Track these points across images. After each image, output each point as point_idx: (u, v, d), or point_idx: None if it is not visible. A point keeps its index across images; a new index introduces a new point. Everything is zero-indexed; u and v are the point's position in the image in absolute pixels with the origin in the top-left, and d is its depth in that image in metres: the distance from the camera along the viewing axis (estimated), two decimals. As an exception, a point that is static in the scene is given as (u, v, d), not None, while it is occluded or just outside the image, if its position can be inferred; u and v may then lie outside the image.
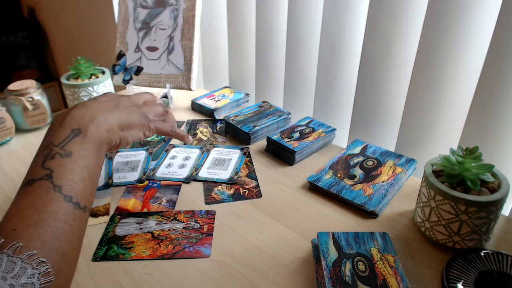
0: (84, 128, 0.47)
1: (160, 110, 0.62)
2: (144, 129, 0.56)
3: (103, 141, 0.49)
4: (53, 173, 0.42)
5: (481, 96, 0.61)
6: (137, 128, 0.55)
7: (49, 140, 0.46)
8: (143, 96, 0.62)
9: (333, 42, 0.80)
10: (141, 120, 0.56)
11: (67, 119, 0.48)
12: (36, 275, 0.35)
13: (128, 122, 0.53)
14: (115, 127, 0.51)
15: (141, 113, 0.57)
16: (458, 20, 0.60)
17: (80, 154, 0.45)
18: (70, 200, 0.41)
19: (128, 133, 0.54)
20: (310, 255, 0.53)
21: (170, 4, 0.97)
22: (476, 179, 0.51)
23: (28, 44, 2.24)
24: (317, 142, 0.77)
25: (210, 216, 0.61)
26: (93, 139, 0.47)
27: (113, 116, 0.52)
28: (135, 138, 0.55)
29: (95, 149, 0.47)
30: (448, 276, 0.47)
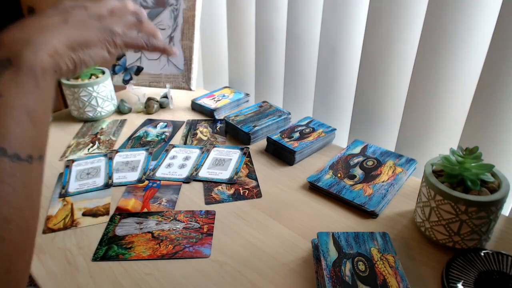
0: (15, 57, 0.37)
1: (131, 19, 0.49)
2: (108, 46, 0.45)
3: (45, 69, 0.38)
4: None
5: (481, 96, 0.61)
6: (98, 45, 0.44)
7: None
8: (107, 4, 0.48)
9: (333, 42, 0.80)
10: (101, 35, 0.44)
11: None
12: None
13: (82, 40, 0.42)
14: (62, 48, 0.40)
15: (102, 26, 0.45)
16: (458, 20, 0.60)
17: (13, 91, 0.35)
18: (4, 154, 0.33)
19: (84, 54, 0.43)
20: (310, 255, 0.53)
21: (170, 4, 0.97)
22: (476, 179, 0.51)
23: (28, 44, 2.24)
24: (317, 142, 0.77)
25: (210, 216, 0.61)
26: (29, 68, 0.37)
27: (59, 35, 0.40)
28: (96, 58, 0.44)
29: (34, 81, 0.37)
30: (448, 276, 0.47)
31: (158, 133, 0.87)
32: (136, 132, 0.88)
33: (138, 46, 0.49)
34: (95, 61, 0.44)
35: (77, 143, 0.84)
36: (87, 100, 0.89)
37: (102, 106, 0.92)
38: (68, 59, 0.41)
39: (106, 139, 0.85)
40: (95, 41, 0.44)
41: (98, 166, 0.74)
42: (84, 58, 0.43)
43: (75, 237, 0.57)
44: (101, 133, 0.87)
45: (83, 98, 0.89)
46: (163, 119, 0.93)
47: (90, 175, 0.72)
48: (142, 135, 0.86)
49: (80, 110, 0.91)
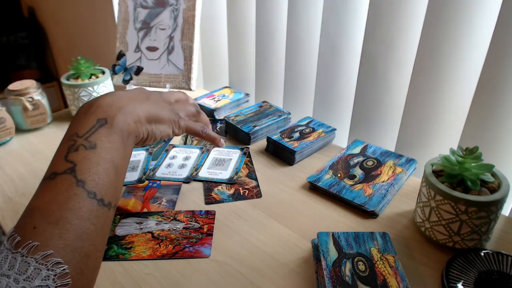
0: (110, 118, 0.44)
1: (192, 110, 0.59)
2: (174, 126, 0.53)
3: (130, 133, 0.45)
4: (76, 167, 0.39)
5: (481, 96, 0.61)
6: (166, 123, 0.52)
7: (73, 130, 0.42)
8: (175, 94, 0.58)
9: (333, 42, 0.80)
10: (171, 116, 0.52)
11: (93, 107, 0.44)
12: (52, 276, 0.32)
13: (157, 116, 0.50)
14: (143, 119, 0.48)
15: (172, 109, 0.53)
16: (458, 20, 0.60)
17: (106, 146, 0.42)
18: (94, 197, 0.38)
19: (156, 128, 0.50)
20: (310, 255, 0.53)
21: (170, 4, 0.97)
22: (476, 179, 0.51)
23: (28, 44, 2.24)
24: (317, 142, 0.77)
25: (210, 216, 0.61)
26: (120, 130, 0.44)
27: (142, 107, 0.48)
28: (163, 134, 0.52)
29: (122, 140, 0.44)
30: (448, 276, 0.47)
31: (158, 133, 0.87)
32: (136, 132, 0.87)
33: (196, 131, 0.58)
34: (161, 136, 0.52)
35: (77, 143, 0.83)
36: (87, 100, 0.89)
37: (102, 106, 0.92)
38: (145, 128, 0.49)
39: (106, 139, 0.85)
40: (166, 119, 0.52)
41: (98, 166, 0.74)
42: (155, 131, 0.50)
43: (75, 237, 0.57)
44: (101, 133, 0.87)
45: (83, 98, 0.89)
46: (163, 119, 0.93)
47: (90, 175, 0.72)
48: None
49: (80, 110, 0.91)
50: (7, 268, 0.32)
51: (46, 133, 0.89)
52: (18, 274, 0.32)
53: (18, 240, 0.34)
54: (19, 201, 0.66)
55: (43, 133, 0.89)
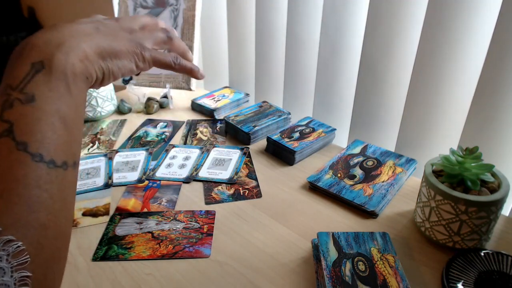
0: (48, 60, 0.35)
1: (161, 36, 0.49)
2: (136, 59, 0.44)
3: (76, 74, 0.37)
4: (13, 127, 0.32)
5: (481, 96, 0.61)
6: (126, 57, 0.43)
7: (6, 82, 0.35)
8: (140, 19, 0.48)
9: (333, 42, 0.80)
10: (131, 47, 0.43)
11: (26, 49, 0.36)
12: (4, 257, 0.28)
13: (111, 49, 0.41)
14: (93, 55, 0.39)
15: (133, 38, 0.44)
16: (458, 20, 0.60)
17: (46, 95, 0.34)
18: (41, 159, 0.33)
19: (113, 64, 0.42)
20: (310, 255, 0.53)
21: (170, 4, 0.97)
22: (476, 179, 0.51)
23: (28, 44, 2.24)
24: (317, 142, 0.77)
25: (210, 216, 0.61)
26: (62, 72, 0.36)
27: (90, 41, 0.39)
28: (124, 70, 0.43)
29: (66, 86, 0.36)
30: (448, 276, 0.47)
31: (158, 133, 0.87)
32: (136, 132, 0.88)
33: (166, 63, 0.48)
34: (122, 72, 0.44)
35: (77, 143, 0.83)
36: (87, 100, 0.89)
37: (102, 106, 0.92)
38: (98, 67, 0.40)
39: (106, 139, 0.85)
40: (124, 52, 0.43)
41: (98, 166, 0.74)
42: (113, 68, 0.42)
43: (75, 237, 0.57)
44: (101, 133, 0.87)
45: (83, 98, 0.89)
46: (163, 119, 0.93)
47: (90, 175, 0.72)
48: (142, 135, 0.86)
49: (80, 110, 0.91)
50: None
51: (46, 133, 0.89)
52: None
53: None
54: (19, 201, 0.66)
55: (43, 133, 0.88)
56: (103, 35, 0.41)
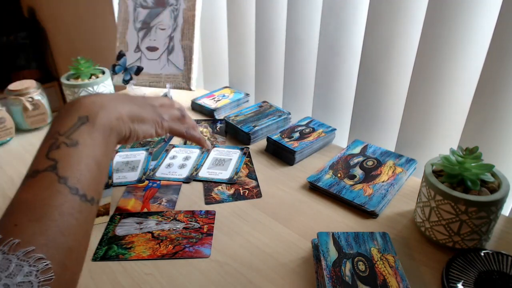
0: (92, 115, 0.44)
1: (177, 113, 0.61)
2: (157, 126, 0.55)
3: (112, 129, 0.46)
4: (58, 164, 0.39)
5: (481, 96, 0.61)
6: (149, 123, 0.53)
7: (55, 128, 0.43)
8: (160, 99, 0.60)
9: (332, 42, 0.80)
10: (154, 116, 0.54)
11: (75, 106, 0.45)
12: (34, 272, 0.33)
13: (140, 115, 0.51)
14: (126, 117, 0.49)
15: (156, 111, 0.55)
16: (458, 20, 0.60)
17: (87, 143, 0.42)
18: (76, 193, 0.39)
19: (139, 127, 0.51)
20: (310, 255, 0.53)
21: (170, 4, 0.97)
22: (476, 179, 0.51)
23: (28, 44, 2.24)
24: (317, 142, 0.77)
25: (210, 216, 0.61)
26: (102, 126, 0.45)
27: (125, 106, 0.49)
28: (146, 134, 0.53)
29: (103, 137, 0.45)
30: (448, 276, 0.47)
31: (158, 133, 0.87)
32: (136, 132, 0.87)
33: (180, 132, 0.60)
34: (144, 135, 0.53)
35: (77, 143, 0.83)
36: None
37: (102, 106, 0.92)
38: (127, 126, 0.49)
39: (106, 139, 0.85)
40: (149, 119, 0.53)
41: (98, 166, 0.74)
42: (138, 130, 0.51)
43: (75, 237, 0.57)
44: (101, 133, 0.87)
45: (83, 98, 0.89)
46: (163, 119, 0.93)
47: (90, 175, 0.72)
48: (142, 135, 0.86)
49: (80, 110, 0.90)
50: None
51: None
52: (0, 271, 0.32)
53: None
54: (19, 201, 0.66)
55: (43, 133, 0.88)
56: (134, 104, 0.52)
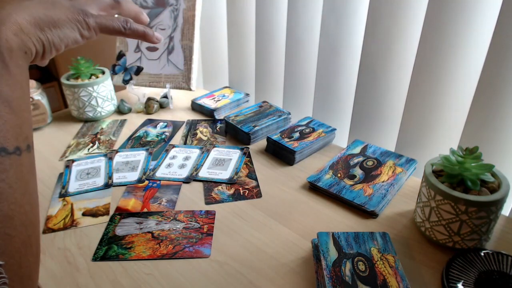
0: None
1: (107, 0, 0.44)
2: (80, 27, 0.40)
3: (12, 50, 0.34)
4: None
5: (481, 96, 0.61)
6: (68, 25, 0.39)
7: None
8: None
9: (333, 42, 0.80)
10: (72, 14, 0.39)
11: None
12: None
13: (49, 18, 0.37)
14: (28, 26, 0.35)
15: (74, 5, 0.40)
16: (458, 20, 0.60)
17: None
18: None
19: (54, 34, 0.38)
20: (310, 255, 0.53)
21: (170, 4, 0.97)
22: (476, 179, 0.51)
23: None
24: (317, 142, 0.77)
25: (210, 216, 0.61)
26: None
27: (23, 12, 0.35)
28: (67, 41, 0.39)
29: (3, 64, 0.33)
30: (448, 276, 0.47)
31: (158, 133, 0.87)
32: (136, 132, 0.88)
33: (115, 29, 0.43)
34: (65, 43, 0.39)
35: (77, 143, 0.84)
36: (87, 100, 0.89)
37: (102, 106, 0.92)
38: (36, 39, 0.36)
39: (106, 139, 0.85)
40: (65, 20, 0.38)
41: (98, 166, 0.74)
42: (53, 39, 0.38)
43: (75, 237, 0.57)
44: (101, 133, 0.87)
45: (83, 98, 0.89)
46: (163, 119, 0.93)
47: (90, 175, 0.72)
48: (142, 135, 0.86)
49: (80, 110, 0.91)
50: None
51: (46, 133, 0.89)
52: None
53: None
54: (19, 201, 0.66)
55: (43, 133, 0.89)
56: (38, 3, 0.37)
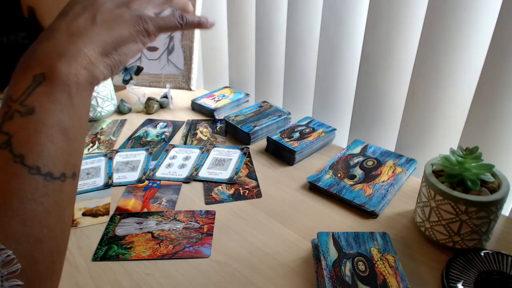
0: (49, 72, 0.34)
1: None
2: (141, 37, 0.41)
3: (79, 84, 0.36)
4: (12, 139, 0.32)
5: (481, 96, 0.61)
6: (130, 39, 0.40)
7: (8, 94, 0.34)
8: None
9: (332, 42, 0.80)
10: (133, 26, 0.40)
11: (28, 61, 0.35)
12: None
13: (115, 39, 0.39)
14: (97, 56, 0.37)
15: (132, 13, 0.41)
16: (458, 20, 0.60)
17: (47, 108, 0.34)
18: (38, 172, 0.32)
19: (119, 53, 0.39)
20: (310, 255, 0.53)
21: (170, 4, 0.97)
22: (476, 179, 0.51)
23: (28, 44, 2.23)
24: (317, 142, 0.77)
25: (210, 216, 0.61)
26: (64, 83, 0.35)
27: (91, 42, 0.37)
28: (132, 54, 0.41)
29: (68, 97, 0.35)
30: (448, 276, 0.47)
31: (158, 133, 0.87)
32: (136, 132, 0.88)
33: (172, 27, 0.44)
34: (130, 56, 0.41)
35: (77, 143, 0.83)
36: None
37: (102, 106, 0.92)
38: (104, 66, 0.38)
39: (106, 139, 0.85)
40: (128, 35, 0.40)
41: (98, 166, 0.74)
42: (120, 58, 0.40)
43: (75, 237, 0.57)
44: (101, 133, 0.87)
45: (83, 98, 0.89)
46: (163, 119, 0.93)
47: (90, 175, 0.72)
48: (142, 135, 0.86)
49: (80, 110, 0.91)
50: None
51: (46, 133, 0.89)
52: None
53: None
54: (19, 201, 0.66)
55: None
56: (102, 26, 0.38)
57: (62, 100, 0.35)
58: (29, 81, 0.34)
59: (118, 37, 0.39)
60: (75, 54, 0.36)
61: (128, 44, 0.40)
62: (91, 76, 0.37)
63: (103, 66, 0.38)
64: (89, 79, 0.37)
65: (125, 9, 0.41)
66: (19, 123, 0.33)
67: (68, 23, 0.38)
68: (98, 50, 0.37)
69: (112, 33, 0.38)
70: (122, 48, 0.39)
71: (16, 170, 0.31)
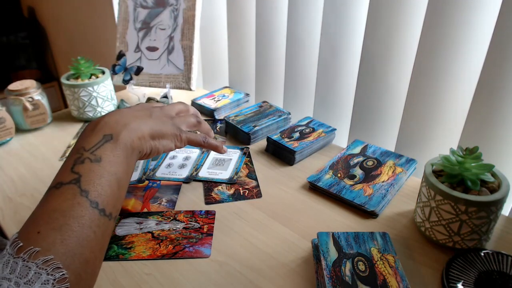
0: (116, 134, 0.47)
1: (193, 121, 0.62)
2: (176, 140, 0.56)
3: (134, 148, 0.49)
4: (81, 178, 0.42)
5: (481, 96, 0.61)
6: (169, 138, 0.55)
7: (81, 144, 0.46)
8: (176, 107, 0.62)
9: (333, 42, 0.80)
10: (173, 130, 0.55)
11: (100, 124, 0.48)
12: (51, 281, 0.34)
13: (160, 132, 0.53)
14: (147, 135, 0.51)
15: (174, 123, 0.56)
16: (458, 20, 0.60)
17: (110, 159, 0.45)
18: (96, 206, 0.41)
19: (159, 143, 0.53)
20: (310, 255, 0.53)
21: (170, 4, 0.97)
22: (476, 179, 0.51)
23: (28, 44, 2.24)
24: (317, 142, 0.77)
25: (210, 216, 0.61)
26: (124, 145, 0.47)
27: (146, 125, 0.51)
28: (166, 149, 0.55)
29: (125, 155, 0.47)
30: (448, 276, 0.47)
31: (158, 133, 0.87)
32: (136, 132, 0.87)
33: (197, 142, 0.61)
34: (164, 150, 0.55)
35: (77, 143, 0.83)
36: (87, 100, 0.89)
37: (102, 106, 0.92)
38: (149, 145, 0.52)
39: (106, 139, 0.85)
40: (168, 134, 0.55)
41: (98, 166, 0.74)
42: (159, 146, 0.53)
43: (75, 237, 0.57)
44: (101, 133, 0.87)
45: (83, 98, 0.89)
46: (163, 119, 0.93)
47: (90, 175, 0.72)
48: (142, 135, 0.86)
49: (80, 110, 0.91)
50: (9, 272, 0.34)
51: (46, 133, 0.89)
52: (19, 277, 0.33)
53: (20, 245, 0.36)
54: (19, 201, 0.66)
55: (43, 133, 0.89)
56: (154, 120, 0.53)
57: (121, 157, 0.46)
58: (100, 138, 0.46)
59: (162, 130, 0.54)
60: (135, 128, 0.50)
61: (166, 139, 0.55)
62: (141, 147, 0.50)
63: (149, 145, 0.52)
64: (139, 148, 0.50)
65: (169, 119, 0.57)
66: (88, 167, 0.43)
67: (132, 111, 0.53)
68: (149, 132, 0.51)
69: (160, 127, 0.53)
70: (161, 140, 0.54)
71: (80, 201, 0.40)
